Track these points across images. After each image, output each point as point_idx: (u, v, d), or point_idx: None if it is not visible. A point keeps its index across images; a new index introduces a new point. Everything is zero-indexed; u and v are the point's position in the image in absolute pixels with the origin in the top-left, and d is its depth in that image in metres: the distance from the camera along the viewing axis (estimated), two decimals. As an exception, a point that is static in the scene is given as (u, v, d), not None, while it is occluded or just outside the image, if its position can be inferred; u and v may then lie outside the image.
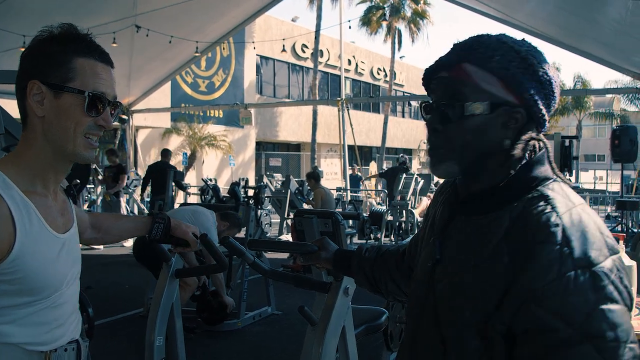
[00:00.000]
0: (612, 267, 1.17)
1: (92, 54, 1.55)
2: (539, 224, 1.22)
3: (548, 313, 1.16)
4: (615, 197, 16.64)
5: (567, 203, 1.25)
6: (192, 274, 4.23)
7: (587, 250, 1.17)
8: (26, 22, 2.30)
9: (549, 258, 1.17)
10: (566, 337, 1.14)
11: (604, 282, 1.15)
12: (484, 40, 1.36)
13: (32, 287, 1.49)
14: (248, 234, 7.09)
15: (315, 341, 2.76)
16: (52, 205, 1.60)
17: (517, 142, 1.33)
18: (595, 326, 1.13)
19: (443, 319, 1.35)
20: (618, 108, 43.86)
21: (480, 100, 1.31)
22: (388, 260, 1.89)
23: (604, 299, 1.14)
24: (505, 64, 1.31)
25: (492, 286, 1.24)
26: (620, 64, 12.11)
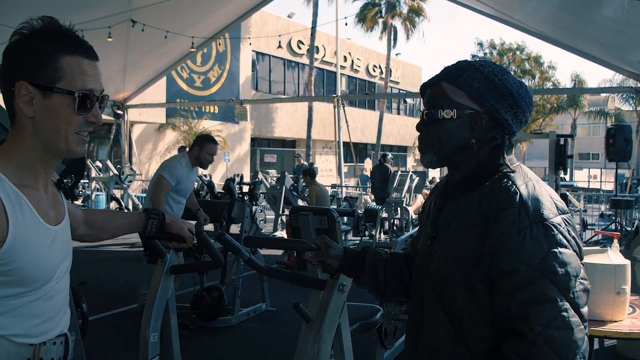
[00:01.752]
0: (561, 222, 1.57)
1: (78, 51, 1.54)
2: (502, 194, 1.63)
3: (512, 259, 1.53)
4: (609, 196, 16.68)
5: (524, 178, 1.67)
6: (188, 271, 4.22)
7: (539, 209, 1.57)
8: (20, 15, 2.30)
9: (510, 218, 1.56)
10: (527, 276, 1.52)
11: (554, 232, 1.54)
12: (459, 64, 1.78)
13: (24, 278, 1.49)
14: (243, 230, 7.08)
15: (311, 338, 2.75)
16: (43, 198, 1.60)
17: (481, 140, 1.72)
18: (549, 265, 1.51)
19: (438, 282, 1.71)
20: (613, 107, 43.96)
21: (450, 108, 1.72)
22: (398, 258, 2.07)
23: (554, 244, 1.53)
24: (470, 81, 1.71)
25: (472, 248, 1.62)
26: (616, 62, 12.14)
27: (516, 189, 1.61)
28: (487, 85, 1.69)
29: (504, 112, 1.70)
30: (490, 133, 1.72)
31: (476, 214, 1.64)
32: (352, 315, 3.21)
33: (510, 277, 1.53)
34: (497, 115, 1.69)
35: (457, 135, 1.72)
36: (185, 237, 2.22)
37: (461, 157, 1.75)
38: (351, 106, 34.11)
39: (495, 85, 1.69)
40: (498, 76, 1.71)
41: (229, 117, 25.93)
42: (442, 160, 1.77)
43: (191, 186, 6.49)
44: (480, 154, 1.73)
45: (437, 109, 1.73)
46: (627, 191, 16.63)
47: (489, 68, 1.73)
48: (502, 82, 1.70)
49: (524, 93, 1.72)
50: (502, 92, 1.69)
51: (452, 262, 1.66)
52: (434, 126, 1.75)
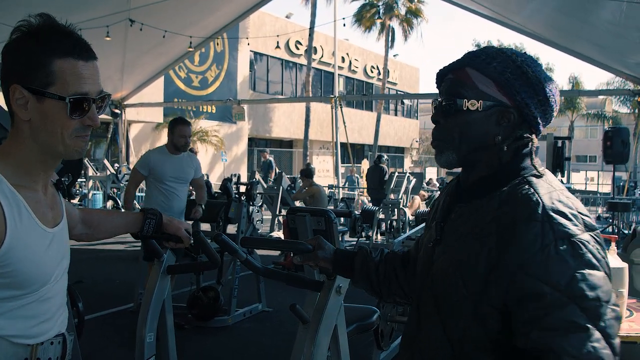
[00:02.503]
0: (590, 239, 1.35)
1: (71, 53, 1.50)
2: (522, 203, 1.41)
3: (536, 280, 1.32)
4: (607, 199, 16.70)
5: (548, 187, 1.45)
6: (185, 271, 4.20)
7: (566, 224, 1.35)
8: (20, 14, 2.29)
9: (532, 233, 1.34)
10: (554, 300, 1.30)
11: (582, 250, 1.32)
12: (487, 50, 1.58)
13: (20, 280, 1.49)
14: (240, 230, 7.07)
15: (307, 339, 2.75)
16: (41, 200, 1.59)
17: (508, 138, 1.53)
18: (577, 287, 1.29)
19: (440, 296, 1.53)
20: (610, 109, 44.01)
21: (476, 98, 1.52)
22: (394, 259, 1.96)
23: (583, 264, 1.31)
24: (501, 69, 1.51)
25: (481, 260, 1.41)
26: (614, 65, 12.16)
27: (539, 199, 1.39)
28: (519, 76, 1.50)
29: (534, 108, 1.52)
30: (518, 131, 1.53)
31: (491, 222, 1.44)
32: (348, 316, 3.20)
33: (534, 301, 1.32)
34: (527, 111, 1.51)
35: (481, 130, 1.53)
36: (182, 237, 2.22)
37: (481, 156, 1.55)
38: (349, 107, 34.13)
39: (528, 77, 1.50)
40: (531, 67, 1.52)
41: (227, 117, 25.92)
42: (462, 158, 1.57)
43: (173, 172, 6.18)
44: (504, 153, 1.54)
45: (461, 98, 1.53)
46: (624, 194, 16.64)
47: (522, 57, 1.54)
48: (535, 75, 1.51)
49: (554, 89, 1.54)
50: (534, 86, 1.51)
51: (457, 274, 1.47)
52: (454, 118, 1.54)
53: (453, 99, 1.54)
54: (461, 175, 1.65)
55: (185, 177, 6.32)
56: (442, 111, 1.57)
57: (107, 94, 1.60)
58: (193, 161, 6.53)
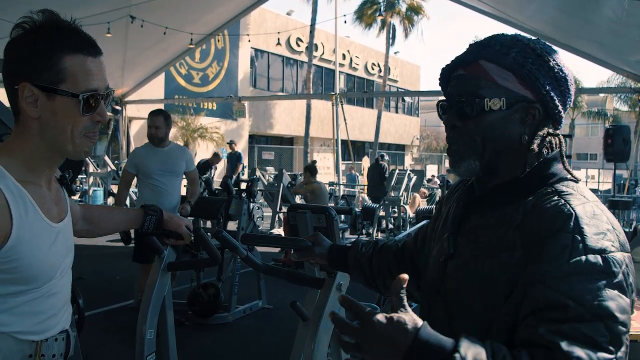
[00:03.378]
0: (623, 260, 1.20)
1: (80, 49, 1.50)
2: (552, 215, 1.25)
3: (557, 292, 1.16)
4: (607, 197, 16.68)
5: (580, 198, 1.29)
6: (185, 268, 4.21)
7: (600, 239, 1.19)
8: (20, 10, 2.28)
9: (561, 245, 1.19)
10: (576, 314, 1.14)
11: (615, 269, 1.17)
12: (500, 38, 1.40)
13: (26, 275, 1.49)
14: (240, 227, 7.07)
15: (308, 337, 2.74)
16: (46, 195, 1.59)
17: (534, 137, 1.37)
18: (606, 306, 1.14)
19: (453, 313, 1.38)
20: (611, 107, 43.98)
21: (498, 96, 1.35)
22: (387, 254, 1.89)
23: (614, 285, 1.16)
24: (521, 60, 1.34)
25: (503, 278, 1.27)
26: (615, 63, 12.14)
27: (571, 209, 1.24)
28: (541, 67, 1.34)
29: (558, 101, 1.36)
30: (543, 128, 1.37)
31: (514, 236, 1.28)
32: (348, 314, 3.20)
33: (553, 310, 1.16)
34: (552, 105, 1.36)
35: (506, 131, 1.36)
36: (182, 234, 2.22)
37: (505, 160, 1.39)
38: (349, 104, 34.10)
39: (550, 67, 1.35)
40: (552, 55, 1.36)
41: (227, 114, 25.91)
42: (486, 165, 1.39)
43: (160, 165, 6.00)
44: (531, 155, 1.37)
45: (480, 96, 1.36)
46: (625, 192, 16.63)
47: (540, 45, 1.38)
48: (557, 64, 1.36)
49: (571, 79, 1.39)
50: (557, 77, 1.35)
51: (476, 290, 1.32)
52: (474, 120, 1.37)
53: (472, 99, 1.36)
54: (476, 180, 1.49)
55: (175, 170, 6.10)
56: (459, 113, 1.39)
57: (112, 89, 1.61)
58: (184, 153, 6.30)
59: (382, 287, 1.90)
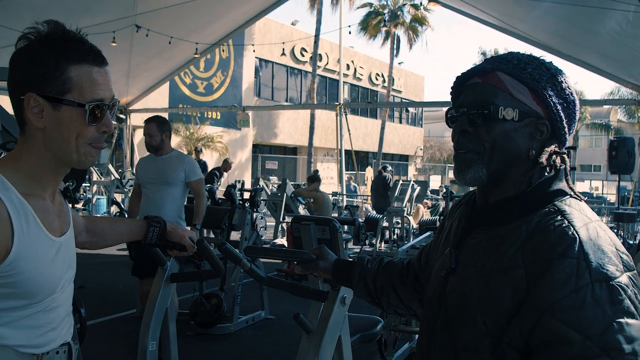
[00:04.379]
0: (629, 282, 1.19)
1: (86, 59, 1.50)
2: (556, 236, 1.24)
3: (565, 325, 1.16)
4: (611, 209, 16.65)
5: (583, 218, 1.28)
6: (188, 279, 4.19)
7: (604, 264, 1.19)
8: (25, 19, 2.30)
9: (566, 271, 1.18)
10: (584, 350, 1.14)
11: (622, 296, 1.16)
12: (517, 54, 1.43)
13: (27, 290, 1.48)
14: (243, 237, 7.06)
15: (311, 349, 2.73)
16: (49, 208, 1.58)
17: (542, 153, 1.38)
18: (613, 339, 1.13)
19: (454, 328, 1.37)
20: (615, 119, 43.99)
21: (511, 106, 1.36)
22: (392, 272, 1.88)
23: (621, 312, 1.15)
24: (537, 76, 1.37)
25: (506, 297, 1.26)
26: (619, 74, 12.14)
27: (575, 233, 1.23)
28: (554, 86, 1.37)
29: (566, 122, 1.39)
30: (549, 146, 1.38)
31: (517, 255, 1.28)
32: (352, 326, 3.19)
33: (561, 347, 1.17)
34: (560, 125, 1.38)
35: (515, 143, 1.36)
36: (185, 245, 2.20)
37: (511, 173, 1.39)
38: (353, 114, 34.13)
39: (562, 88, 1.38)
40: (562, 75, 1.39)
41: (231, 123, 25.95)
42: (492, 174, 1.38)
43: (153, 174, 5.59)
44: (536, 172, 1.38)
45: (494, 104, 1.36)
46: (629, 204, 16.61)
47: (554, 66, 1.41)
48: (567, 85, 1.39)
49: (576, 101, 1.42)
50: (567, 98, 1.39)
51: (476, 309, 1.31)
52: (487, 127, 1.37)
53: (486, 105, 1.37)
54: (478, 194, 1.49)
55: (166, 180, 5.51)
56: (471, 119, 1.39)
57: (117, 100, 1.61)
58: (183, 162, 5.63)
59: (386, 305, 1.89)
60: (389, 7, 35.98)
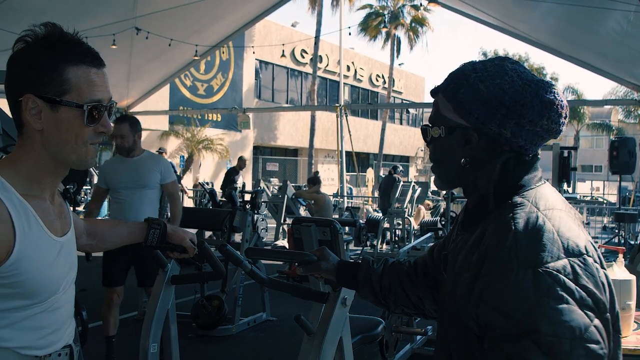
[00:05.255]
0: (564, 267, 1.24)
1: (84, 60, 1.51)
2: (500, 230, 1.34)
3: (491, 309, 1.27)
4: (612, 209, 16.64)
5: (530, 209, 1.36)
6: (189, 281, 4.19)
7: (534, 252, 1.26)
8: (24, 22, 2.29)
9: (498, 262, 1.29)
10: (507, 332, 1.23)
11: (547, 281, 1.22)
12: (453, 72, 1.52)
13: (29, 290, 1.48)
14: (244, 239, 7.06)
15: (312, 351, 2.73)
16: (49, 209, 1.59)
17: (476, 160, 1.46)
18: (532, 322, 1.21)
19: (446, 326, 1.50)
20: (616, 119, 43.98)
21: (439, 124, 1.49)
22: (399, 272, 1.92)
23: (545, 296, 1.21)
24: (455, 91, 1.46)
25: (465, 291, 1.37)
26: (619, 74, 12.13)
27: (512, 224, 1.32)
28: (471, 95, 1.42)
29: (496, 125, 1.40)
30: (483, 152, 1.45)
31: (475, 254, 1.38)
32: (353, 327, 3.19)
33: (490, 330, 1.27)
34: (487, 130, 1.42)
35: (449, 156, 1.49)
36: (186, 247, 2.20)
37: (464, 181, 1.51)
38: (354, 116, 34.14)
39: (480, 94, 1.41)
40: (486, 82, 1.42)
41: (232, 125, 25.96)
42: (445, 183, 1.58)
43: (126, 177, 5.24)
44: (486, 176, 1.46)
45: (429, 125, 1.53)
46: (630, 204, 16.60)
47: (480, 72, 1.44)
48: (489, 89, 1.40)
49: (527, 98, 1.39)
50: (489, 102, 1.40)
51: (452, 304, 1.44)
52: (431, 146, 1.54)
53: (424, 129, 1.55)
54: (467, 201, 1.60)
55: (142, 183, 5.23)
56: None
57: (114, 102, 1.62)
58: (157, 163, 5.40)
59: (392, 304, 1.92)
60: (389, 8, 36.00)
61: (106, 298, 5.12)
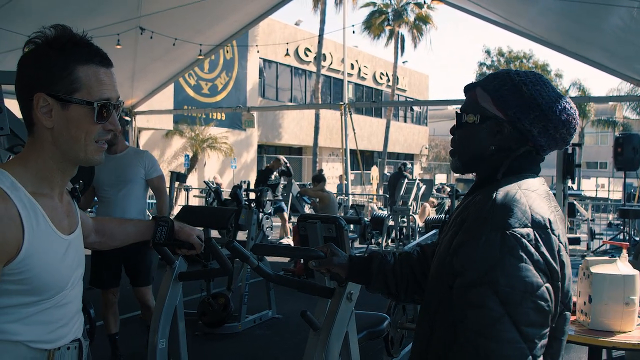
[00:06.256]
0: (527, 233, 1.48)
1: (93, 60, 1.55)
2: (483, 200, 1.60)
3: (459, 262, 1.52)
4: (617, 205, 16.60)
5: (512, 186, 1.61)
6: (196, 277, 4.22)
7: (506, 218, 1.49)
8: (30, 22, 2.27)
9: (475, 224, 1.54)
10: (472, 279, 1.47)
11: (512, 242, 1.46)
12: (497, 72, 1.75)
13: (38, 286, 1.51)
14: (250, 237, 7.08)
15: (318, 346, 2.75)
16: (58, 207, 1.62)
17: (503, 149, 1.68)
18: (494, 273, 1.44)
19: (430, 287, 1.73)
20: (620, 116, 43.83)
21: (474, 112, 1.71)
22: (410, 261, 2.05)
23: (508, 255, 1.45)
24: (498, 86, 1.68)
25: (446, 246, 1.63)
26: (623, 71, 12.12)
27: (493, 195, 1.57)
28: (513, 93, 1.65)
29: (528, 123, 1.64)
30: (509, 143, 1.68)
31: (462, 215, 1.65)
32: (359, 323, 3.20)
33: (460, 278, 1.50)
34: (520, 125, 1.65)
35: (478, 141, 1.71)
36: (194, 243, 2.23)
37: (479, 164, 1.73)
38: (358, 114, 34.13)
39: (522, 94, 1.64)
40: (529, 86, 1.65)
41: (236, 124, 25.98)
42: (464, 165, 1.77)
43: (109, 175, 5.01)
44: (497, 162, 1.69)
45: (464, 112, 1.74)
46: (635, 200, 16.57)
47: (523, 77, 1.68)
48: (530, 93, 1.64)
49: (558, 108, 1.64)
50: (528, 102, 1.63)
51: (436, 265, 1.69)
52: (460, 130, 1.75)
53: (458, 114, 1.75)
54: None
55: (124, 179, 5.05)
56: (455, 125, 1.77)
57: (121, 101, 1.66)
58: (141, 158, 5.18)
59: (404, 295, 2.04)
60: (393, 6, 35.96)
61: (103, 298, 5.10)
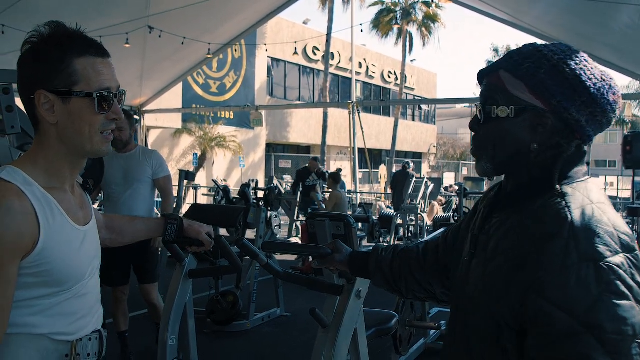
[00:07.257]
0: (621, 263, 1.19)
1: (89, 51, 1.56)
2: (551, 218, 1.28)
3: (549, 304, 1.19)
4: (626, 204, 16.53)
5: (583, 200, 1.30)
6: (206, 275, 4.23)
7: (594, 245, 1.20)
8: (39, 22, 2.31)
9: (555, 252, 1.21)
10: (567, 328, 1.16)
11: (610, 277, 1.17)
12: (522, 49, 1.42)
13: (57, 278, 1.54)
14: (258, 235, 7.10)
15: (327, 344, 2.76)
16: (71, 199, 1.65)
17: (546, 145, 1.38)
18: (596, 318, 1.14)
19: (469, 311, 1.42)
20: (629, 114, 43.64)
21: (508, 104, 1.39)
22: (408, 257, 1.92)
23: (608, 292, 1.16)
24: (533, 70, 1.36)
25: (504, 277, 1.30)
26: (632, 69, 12.06)
27: (568, 214, 1.26)
28: (554, 77, 1.34)
29: (576, 111, 1.34)
30: (556, 137, 1.37)
31: (521, 236, 1.32)
32: (367, 320, 3.22)
33: (546, 325, 1.19)
34: (567, 116, 1.34)
35: (514, 138, 1.39)
36: (203, 240, 2.24)
37: (517, 165, 1.42)
38: (366, 112, 34.09)
39: (565, 77, 1.34)
40: (571, 65, 1.35)
41: (244, 123, 25.99)
42: (497, 168, 1.45)
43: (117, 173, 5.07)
44: (540, 162, 1.39)
45: (492, 104, 1.41)
46: (644, 199, 16.46)
47: (561, 54, 1.37)
48: (575, 73, 1.34)
49: (605, 88, 1.35)
50: (574, 86, 1.33)
51: (480, 288, 1.38)
52: (487, 126, 1.43)
53: (485, 107, 1.43)
54: (503, 182, 1.53)
55: (132, 178, 5.08)
56: (475, 119, 1.46)
57: (123, 90, 1.66)
58: (149, 158, 5.19)
59: (404, 290, 1.92)
60: (401, 4, 35.92)
61: (112, 296, 5.11)
